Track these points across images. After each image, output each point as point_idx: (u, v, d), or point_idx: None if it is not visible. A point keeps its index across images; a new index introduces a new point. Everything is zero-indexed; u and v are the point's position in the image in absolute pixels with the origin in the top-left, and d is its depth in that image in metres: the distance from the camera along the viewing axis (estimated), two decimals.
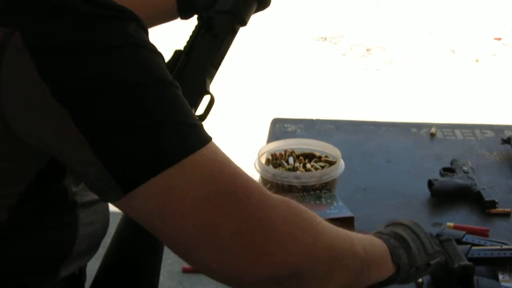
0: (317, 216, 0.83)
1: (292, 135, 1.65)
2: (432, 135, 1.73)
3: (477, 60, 4.99)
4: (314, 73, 4.69)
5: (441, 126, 1.77)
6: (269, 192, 0.80)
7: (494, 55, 5.10)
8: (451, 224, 1.32)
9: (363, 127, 1.80)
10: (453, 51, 5.11)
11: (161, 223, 0.77)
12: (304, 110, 3.73)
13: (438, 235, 1.21)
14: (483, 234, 1.30)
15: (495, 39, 5.36)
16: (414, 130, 1.77)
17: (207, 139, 0.78)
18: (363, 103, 4.27)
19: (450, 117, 3.65)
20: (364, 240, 0.93)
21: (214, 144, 0.79)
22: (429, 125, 1.78)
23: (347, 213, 1.25)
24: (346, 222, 1.23)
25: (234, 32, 1.18)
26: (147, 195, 0.73)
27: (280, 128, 1.72)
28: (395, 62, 4.93)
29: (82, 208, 0.90)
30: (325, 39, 5.30)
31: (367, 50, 5.14)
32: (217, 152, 0.79)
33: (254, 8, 1.20)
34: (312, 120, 1.81)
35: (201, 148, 0.75)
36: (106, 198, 0.76)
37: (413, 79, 4.68)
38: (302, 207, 0.82)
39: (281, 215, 0.78)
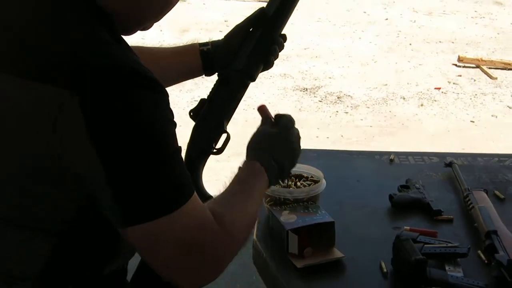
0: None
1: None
2: (391, 160, 1.75)
3: (422, 105, 5.02)
4: (299, 115, 4.72)
5: (398, 154, 1.80)
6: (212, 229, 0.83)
7: (435, 101, 5.13)
8: (407, 227, 1.33)
9: (339, 155, 1.83)
10: (404, 98, 5.14)
11: (142, 249, 0.83)
12: None
13: (398, 236, 1.21)
14: (433, 235, 1.31)
15: (436, 88, 5.40)
16: (377, 157, 1.79)
17: (190, 189, 0.81)
18: (336, 138, 4.29)
19: (403, 147, 3.68)
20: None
21: (193, 197, 0.81)
22: (388, 153, 1.80)
23: (329, 219, 1.25)
24: (328, 226, 1.24)
25: (245, 86, 1.19)
26: (140, 232, 0.77)
27: None
28: (360, 107, 4.96)
29: None
30: (306, 90, 5.33)
31: (338, 97, 5.16)
32: (194, 202, 0.82)
33: (261, 68, 1.20)
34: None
35: (185, 204, 0.78)
36: (114, 224, 0.79)
37: (374, 119, 4.71)
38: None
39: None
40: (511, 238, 1.23)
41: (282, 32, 1.20)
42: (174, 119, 0.81)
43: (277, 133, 1.07)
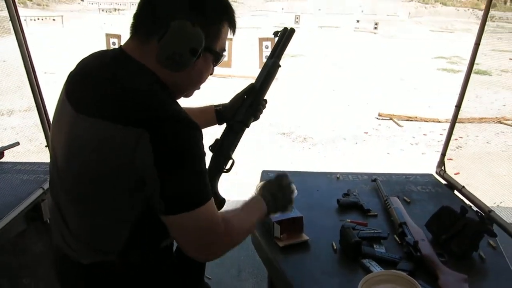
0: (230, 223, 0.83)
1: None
2: (338, 178, 1.72)
3: (356, 143, 5.04)
4: (280, 150, 4.73)
5: (342, 174, 1.77)
6: (219, 223, 0.80)
7: (364, 140, 5.16)
8: (349, 220, 1.31)
9: (304, 174, 1.80)
10: (344, 139, 5.17)
11: (175, 231, 0.78)
12: (274, 166, 3.72)
13: (343, 226, 1.20)
14: (364, 225, 1.30)
15: (364, 132, 5.43)
16: (328, 175, 1.77)
17: (210, 196, 0.77)
18: (302, 163, 4.28)
19: (344, 169, 3.66)
20: (245, 214, 0.92)
21: (211, 201, 0.78)
22: (336, 173, 1.78)
23: (299, 215, 1.25)
24: (299, 219, 1.23)
25: (243, 130, 1.17)
26: (173, 220, 0.75)
27: (266, 174, 1.72)
28: (317, 144, 4.97)
29: None
30: (284, 133, 5.35)
31: (304, 138, 5.17)
32: (211, 205, 0.78)
33: (252, 120, 1.18)
34: (280, 171, 1.79)
35: (206, 203, 0.76)
36: (160, 213, 0.76)
37: (326, 152, 4.71)
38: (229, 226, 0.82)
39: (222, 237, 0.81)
40: (415, 227, 1.23)
41: (265, 98, 1.19)
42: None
43: (273, 181, 1.05)
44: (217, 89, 7.77)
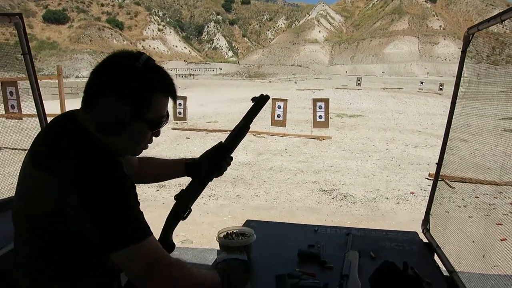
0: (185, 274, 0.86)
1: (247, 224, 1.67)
2: (316, 231, 1.67)
3: (398, 203, 4.73)
4: (317, 206, 4.63)
5: (320, 227, 1.71)
6: (170, 261, 0.83)
7: (407, 200, 4.83)
8: (297, 269, 1.29)
9: (282, 225, 1.76)
10: (387, 198, 4.89)
11: (125, 267, 0.82)
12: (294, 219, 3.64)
13: (280, 274, 1.19)
14: (312, 275, 1.27)
15: (411, 193, 5.10)
16: (308, 228, 1.72)
17: (148, 232, 0.82)
18: (337, 221, 4.12)
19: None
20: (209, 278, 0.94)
21: (152, 237, 0.82)
22: (316, 226, 1.72)
23: (244, 259, 1.23)
24: (244, 263, 1.24)
25: (205, 184, 1.19)
26: (122, 254, 0.80)
27: (248, 223, 1.73)
28: (357, 203, 4.77)
29: None
30: (325, 191, 5.25)
31: (344, 196, 5.00)
32: (154, 240, 0.82)
33: (216, 174, 1.22)
34: (264, 221, 1.80)
35: (147, 237, 0.81)
36: (104, 253, 0.81)
37: (364, 211, 4.47)
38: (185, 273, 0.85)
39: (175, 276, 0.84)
40: (355, 281, 1.18)
41: (231, 155, 1.23)
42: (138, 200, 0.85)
43: (230, 266, 1.10)
44: (269, 147, 8.01)
